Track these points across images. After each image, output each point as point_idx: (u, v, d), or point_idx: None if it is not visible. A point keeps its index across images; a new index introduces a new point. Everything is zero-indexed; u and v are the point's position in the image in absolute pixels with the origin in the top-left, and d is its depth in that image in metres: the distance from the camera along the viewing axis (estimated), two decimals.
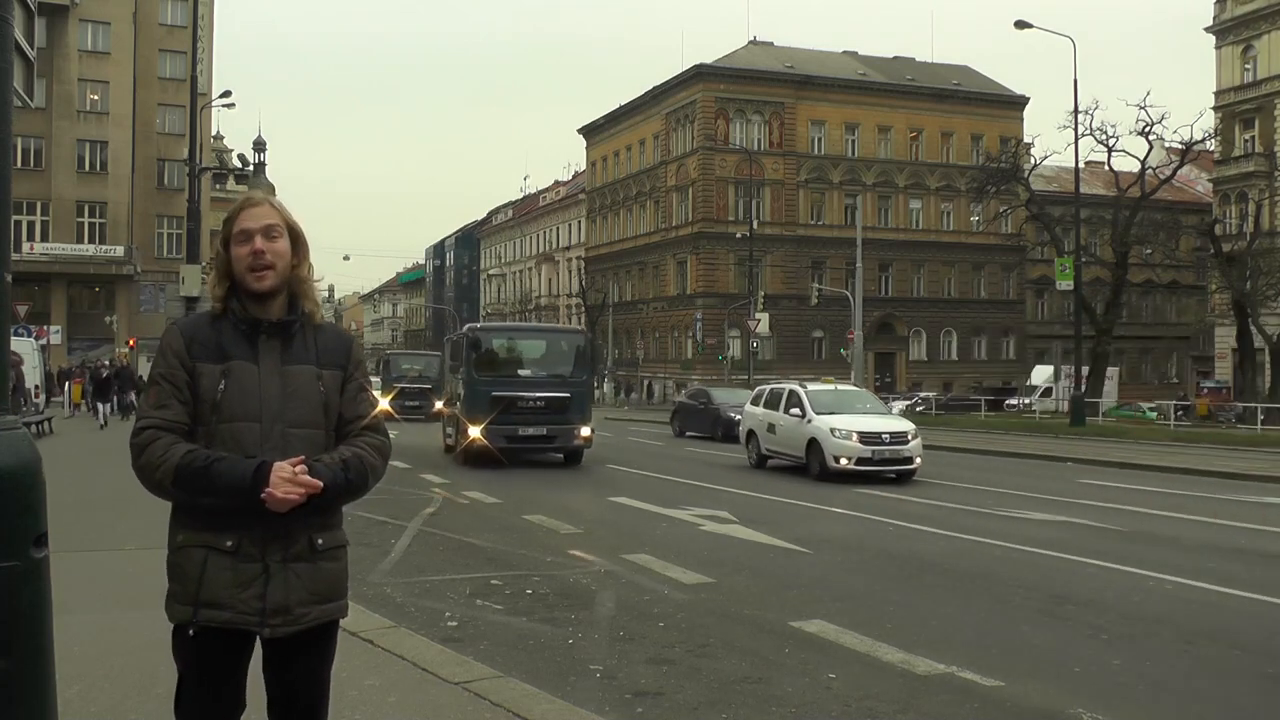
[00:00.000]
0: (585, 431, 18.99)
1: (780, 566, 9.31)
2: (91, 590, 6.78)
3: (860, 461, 16.76)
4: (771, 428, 19.15)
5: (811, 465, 17.51)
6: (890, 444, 17.03)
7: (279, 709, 2.78)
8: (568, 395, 18.88)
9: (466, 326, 22.45)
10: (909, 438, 17.24)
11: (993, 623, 7.27)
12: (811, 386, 19.55)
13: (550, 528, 11.42)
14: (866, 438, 16.93)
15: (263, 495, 2.52)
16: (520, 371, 19.48)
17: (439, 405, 34.91)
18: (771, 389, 20.45)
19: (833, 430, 17.11)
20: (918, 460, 17.21)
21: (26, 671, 2.74)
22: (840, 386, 21.45)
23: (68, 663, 3.80)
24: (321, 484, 2.57)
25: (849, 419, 17.48)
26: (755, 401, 20.83)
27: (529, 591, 7.93)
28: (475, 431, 18.24)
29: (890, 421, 18.17)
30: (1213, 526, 12.44)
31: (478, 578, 8.43)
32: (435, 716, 4.58)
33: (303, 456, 2.60)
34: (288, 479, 2.54)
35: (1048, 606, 7.80)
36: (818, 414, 17.78)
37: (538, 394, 18.61)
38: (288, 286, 2.74)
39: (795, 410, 18.24)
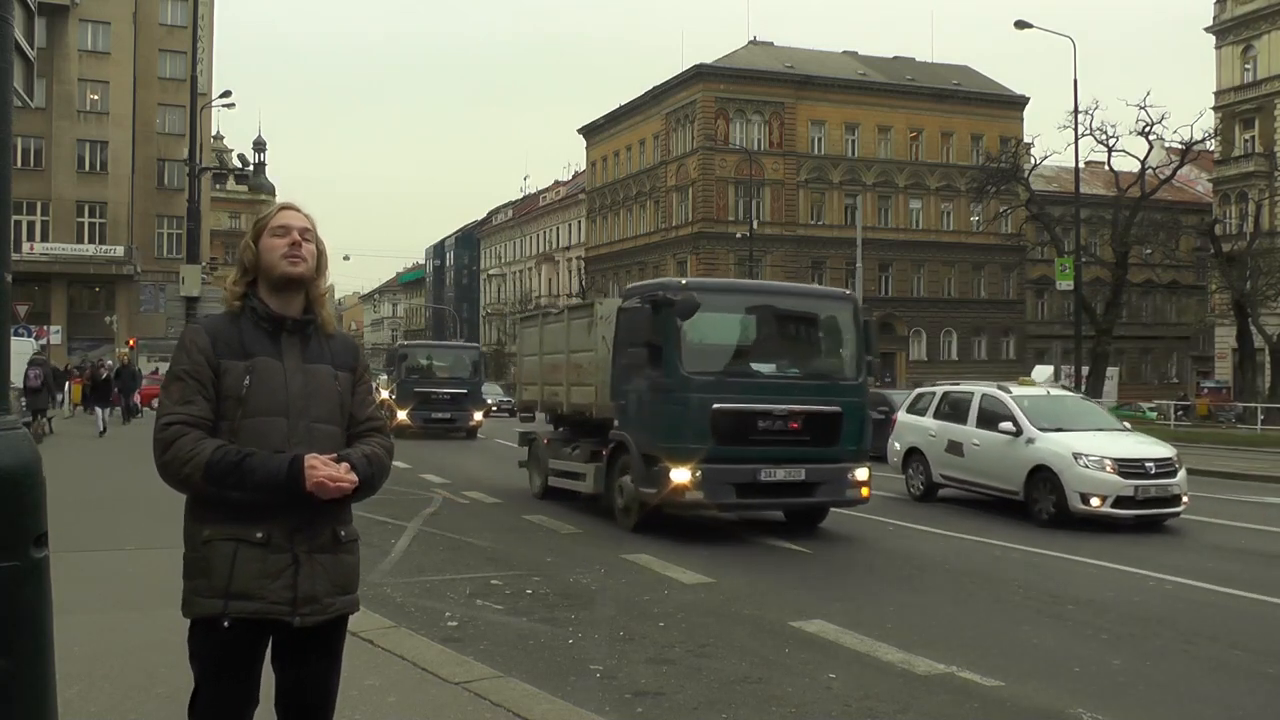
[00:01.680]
0: (862, 474, 10.96)
1: (780, 566, 9.32)
2: (91, 590, 6.77)
3: (1120, 502, 11.84)
4: (955, 447, 13.81)
5: (1038, 505, 12.37)
6: (1156, 476, 12.07)
7: (288, 702, 2.82)
8: (836, 410, 10.84)
9: (653, 282, 12.90)
10: (1175, 466, 12.30)
11: (993, 623, 7.28)
12: (1017, 390, 14.04)
13: (550, 528, 11.43)
14: (1126, 468, 11.97)
15: (310, 487, 2.59)
16: (756, 367, 11.23)
17: (478, 416, 27.78)
18: (946, 393, 14.99)
19: (1076, 456, 12.05)
20: (1185, 499, 12.33)
21: (26, 671, 2.74)
22: (1053, 390, 15.45)
23: (68, 663, 3.80)
24: (359, 479, 2.68)
25: (1091, 439, 12.50)
26: (917, 409, 15.32)
27: (529, 591, 7.93)
28: (683, 475, 10.27)
29: (1145, 443, 13.15)
30: (1213, 526, 12.44)
31: (478, 578, 8.43)
32: (435, 716, 4.58)
33: (334, 453, 2.69)
34: (335, 476, 2.62)
35: (1048, 606, 7.80)
36: (1042, 430, 12.73)
37: (790, 407, 10.67)
38: (306, 293, 2.83)
39: (1006, 424, 12.99)
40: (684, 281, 11.64)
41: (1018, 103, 66.86)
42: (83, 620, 5.71)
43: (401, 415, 26.03)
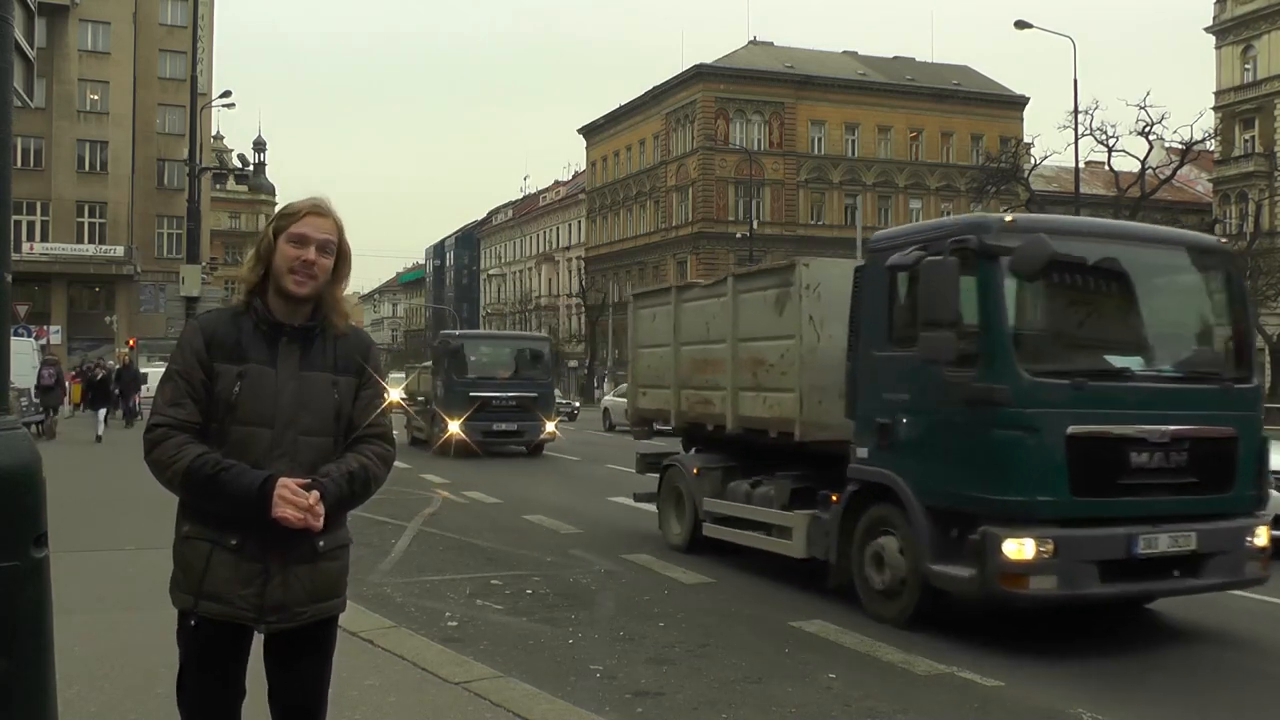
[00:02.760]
0: (1261, 536, 7.07)
1: (780, 566, 9.31)
2: (91, 590, 6.78)
3: None
4: None
5: None
6: None
7: (280, 700, 2.82)
8: (1230, 433, 6.91)
9: (944, 221, 8.76)
10: None
11: (992, 623, 7.27)
12: None
13: (550, 528, 11.42)
14: None
15: (275, 516, 2.55)
16: (1116, 362, 6.99)
17: (550, 428, 21.82)
18: None
19: None
20: None
21: (26, 671, 2.74)
22: None
23: (68, 663, 3.80)
24: (323, 518, 2.61)
25: None
26: None
27: (529, 591, 7.93)
28: (1024, 548, 6.27)
29: None
30: None
31: (478, 578, 8.43)
32: (435, 716, 4.58)
33: (310, 479, 2.63)
34: (299, 512, 2.56)
35: (1048, 606, 7.79)
36: None
37: (1173, 428, 6.65)
38: (318, 298, 2.77)
39: None
40: (1009, 218, 7.18)
41: (1018, 103, 66.86)
42: (83, 620, 5.71)
43: (453, 428, 20.30)
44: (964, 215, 7.95)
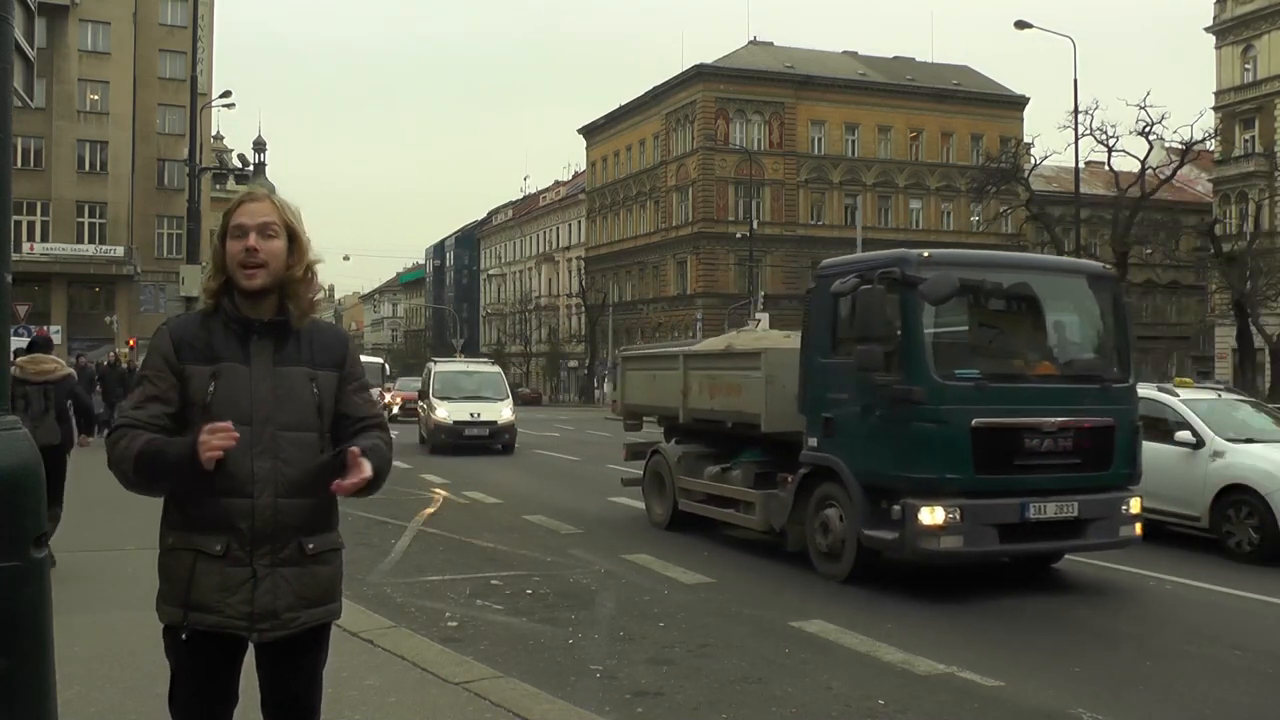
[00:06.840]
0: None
1: (780, 566, 9.31)
2: (91, 590, 6.79)
3: None
4: None
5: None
6: None
7: (271, 708, 2.79)
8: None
9: None
10: None
11: (993, 623, 7.28)
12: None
13: (550, 528, 11.42)
14: None
15: (204, 455, 2.43)
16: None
17: (1134, 509, 8.36)
18: None
19: None
20: None
21: (26, 671, 2.74)
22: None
23: (68, 663, 3.81)
24: (372, 472, 2.57)
25: None
26: None
27: (529, 591, 7.93)
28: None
29: None
30: None
31: (478, 578, 8.43)
32: (435, 716, 4.57)
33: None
34: (224, 439, 2.45)
35: (1048, 607, 7.79)
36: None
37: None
38: (280, 287, 2.67)
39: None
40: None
41: (1018, 103, 66.86)
42: (83, 620, 5.72)
43: (931, 516, 7.55)
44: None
